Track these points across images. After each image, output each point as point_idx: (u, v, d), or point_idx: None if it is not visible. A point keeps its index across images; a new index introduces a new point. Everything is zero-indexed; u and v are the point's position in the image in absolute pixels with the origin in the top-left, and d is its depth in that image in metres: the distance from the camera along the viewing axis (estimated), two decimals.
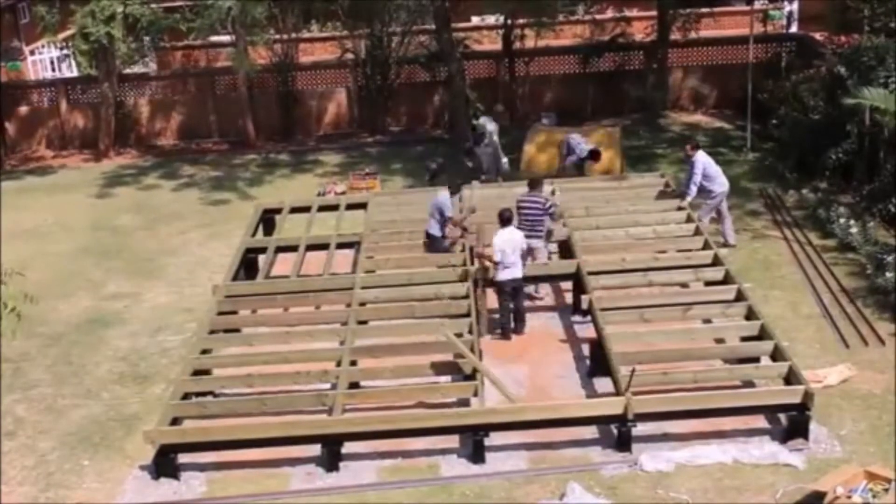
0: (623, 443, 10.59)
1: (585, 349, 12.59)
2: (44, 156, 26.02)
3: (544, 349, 13.06)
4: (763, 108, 21.22)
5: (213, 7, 22.75)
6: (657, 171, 18.47)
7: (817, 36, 23.24)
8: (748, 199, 18.45)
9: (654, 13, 25.11)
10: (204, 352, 12.24)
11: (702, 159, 15.82)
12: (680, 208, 15.26)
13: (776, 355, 11.30)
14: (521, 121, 24.53)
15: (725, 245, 15.66)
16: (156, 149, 25.85)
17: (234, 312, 13.50)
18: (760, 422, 10.98)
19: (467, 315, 12.51)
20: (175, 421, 10.93)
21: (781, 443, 10.59)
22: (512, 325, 13.43)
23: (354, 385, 11.67)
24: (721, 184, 15.95)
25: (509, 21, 25.26)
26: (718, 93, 25.57)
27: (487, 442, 10.61)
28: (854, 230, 15.80)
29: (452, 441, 10.89)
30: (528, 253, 13.80)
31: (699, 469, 10.27)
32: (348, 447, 10.74)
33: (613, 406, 10.58)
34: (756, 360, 11.66)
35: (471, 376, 11.32)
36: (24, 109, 26.34)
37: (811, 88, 19.48)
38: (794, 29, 27.13)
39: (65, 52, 26.68)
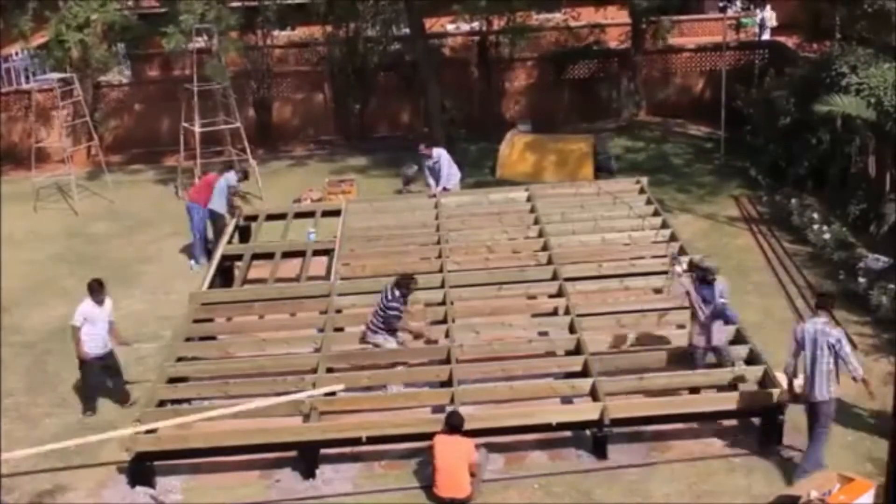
0: (599, 448, 10.64)
1: None
2: (21, 155, 25.76)
3: None
4: (736, 114, 21.39)
5: (187, 12, 22.59)
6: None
7: (788, 43, 23.46)
8: (721, 204, 18.58)
9: (628, 21, 25.30)
10: (180, 359, 12.18)
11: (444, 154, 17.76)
12: (656, 213, 15.33)
13: (752, 359, 11.38)
14: (496, 127, 24.57)
15: None
16: (130, 155, 25.71)
17: (210, 320, 13.45)
18: (736, 424, 11.06)
19: (444, 322, 12.53)
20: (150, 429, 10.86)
21: (758, 446, 10.69)
22: None
23: (331, 392, 11.64)
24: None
25: (484, 28, 25.37)
26: (692, 99, 25.77)
27: None
28: (826, 235, 15.96)
29: None
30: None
31: (674, 473, 10.34)
32: (325, 453, 10.72)
33: (590, 411, 10.63)
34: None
35: (447, 383, 11.33)
36: None
37: (783, 94, 19.65)
38: (766, 36, 27.38)
39: (37, 59, 26.51)
